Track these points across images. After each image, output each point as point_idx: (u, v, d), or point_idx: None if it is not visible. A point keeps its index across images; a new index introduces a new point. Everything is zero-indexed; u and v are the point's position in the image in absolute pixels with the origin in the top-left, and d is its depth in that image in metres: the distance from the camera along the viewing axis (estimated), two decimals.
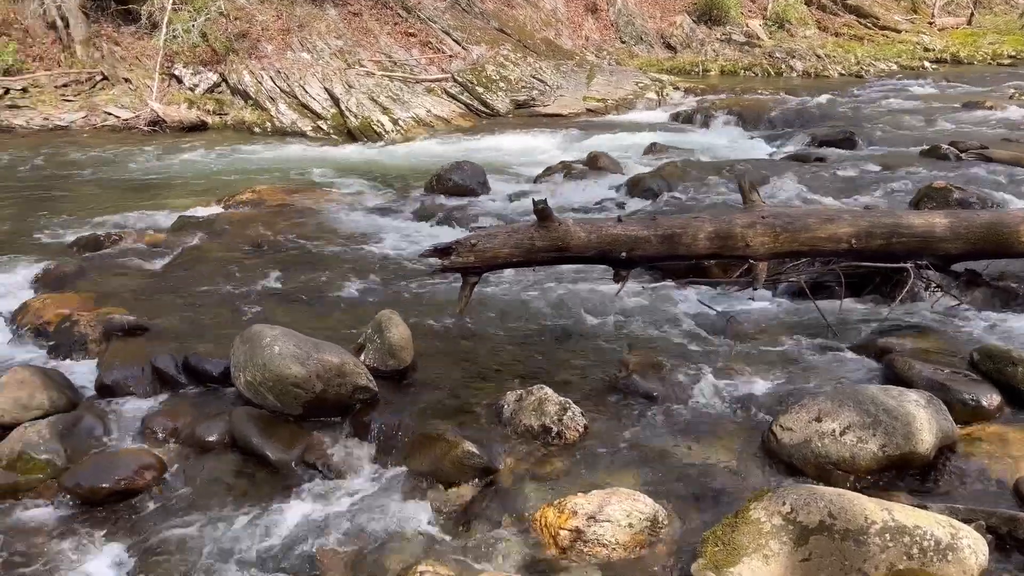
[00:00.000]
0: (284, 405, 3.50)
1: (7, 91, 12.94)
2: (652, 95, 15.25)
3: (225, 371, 3.84)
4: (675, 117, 13.34)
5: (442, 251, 4.03)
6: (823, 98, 13.57)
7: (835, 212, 4.52)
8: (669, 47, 20.08)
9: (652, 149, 9.76)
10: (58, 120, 12.79)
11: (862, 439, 2.95)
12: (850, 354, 4.03)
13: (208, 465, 3.35)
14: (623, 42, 19.56)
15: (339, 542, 2.86)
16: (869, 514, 2.37)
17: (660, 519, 2.71)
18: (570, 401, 3.41)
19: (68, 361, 4.33)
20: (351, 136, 12.55)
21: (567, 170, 8.39)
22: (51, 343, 4.50)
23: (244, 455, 3.38)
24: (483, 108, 14.23)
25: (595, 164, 8.48)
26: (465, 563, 2.62)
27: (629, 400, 3.62)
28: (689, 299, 4.84)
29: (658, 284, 5.08)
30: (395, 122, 12.78)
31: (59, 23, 14.06)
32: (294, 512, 3.05)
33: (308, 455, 3.33)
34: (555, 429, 3.28)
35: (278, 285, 5.36)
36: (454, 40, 16.17)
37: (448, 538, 2.84)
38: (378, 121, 12.70)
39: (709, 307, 4.53)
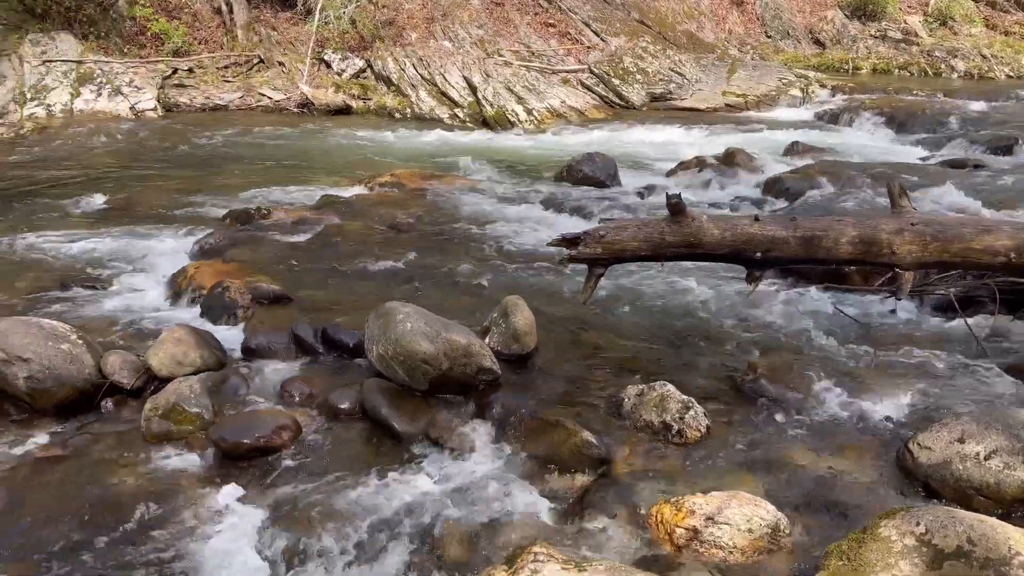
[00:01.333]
0: (412, 380, 3.63)
1: (175, 71, 13.97)
2: (796, 92, 14.65)
3: (359, 343, 4.03)
4: (820, 116, 12.79)
5: (570, 241, 4.06)
6: (986, 101, 12.62)
7: (993, 223, 4.21)
8: (817, 43, 19.21)
9: (793, 148, 9.39)
10: (218, 99, 13.69)
11: (1010, 465, 2.75)
12: (1000, 375, 3.76)
13: (339, 431, 3.53)
14: (768, 36, 18.88)
15: (456, 515, 2.95)
16: (1014, 544, 2.22)
17: (782, 527, 2.64)
18: (693, 400, 3.36)
19: (218, 324, 4.64)
20: (485, 124, 12.78)
21: (701, 165, 8.22)
22: (204, 306, 4.84)
23: (372, 424, 3.53)
24: (618, 100, 14.12)
25: (731, 161, 8.26)
26: (578, 549, 2.65)
27: (755, 404, 3.53)
28: (824, 305, 4.65)
29: (792, 287, 4.91)
30: (529, 112, 12.90)
31: (224, 8, 15.03)
32: (416, 482, 3.16)
33: (432, 430, 3.45)
34: (676, 427, 3.24)
35: (411, 264, 5.56)
36: (593, 31, 16.11)
37: (562, 523, 2.87)
38: (512, 110, 12.85)
39: (846, 314, 4.34)
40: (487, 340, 3.93)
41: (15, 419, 3.62)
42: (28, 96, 12.60)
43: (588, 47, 15.77)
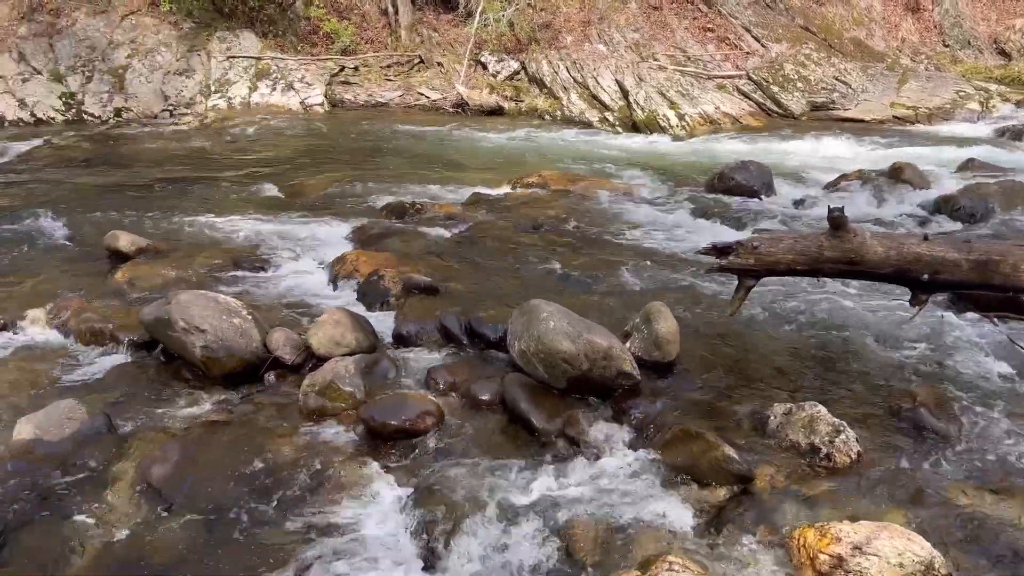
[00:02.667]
0: (551, 377, 3.68)
1: (342, 69, 14.76)
2: (974, 106, 13.57)
3: (501, 337, 4.13)
4: (1001, 132, 11.77)
5: (720, 250, 3.98)
6: None
7: None
8: (1003, 53, 17.70)
9: (969, 165, 8.71)
10: (379, 97, 14.35)
11: None
12: None
13: (479, 421, 3.63)
14: (946, 46, 17.59)
15: (589, 517, 2.96)
16: None
17: (936, 566, 2.47)
18: (844, 424, 3.21)
19: (372, 310, 4.88)
20: (635, 129, 12.68)
21: (864, 179, 7.79)
22: (360, 292, 5.10)
23: (511, 417, 3.61)
24: (775, 108, 13.63)
25: (898, 176, 7.77)
26: (714, 564, 2.60)
27: (912, 434, 3.33)
28: (997, 336, 4.30)
29: (961, 313, 4.57)
30: (681, 117, 12.68)
31: (390, 9, 15.72)
32: (550, 478, 3.20)
33: (568, 428, 3.47)
34: (824, 450, 3.11)
35: (554, 264, 5.61)
36: (753, 37, 15.63)
37: (697, 537, 2.83)
38: (664, 115, 12.68)
39: (1022, 348, 3.99)
40: (628, 345, 3.92)
41: (190, 383, 3.96)
42: (212, 89, 13.72)
43: (747, 53, 15.31)
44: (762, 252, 3.85)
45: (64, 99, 12.68)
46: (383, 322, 4.60)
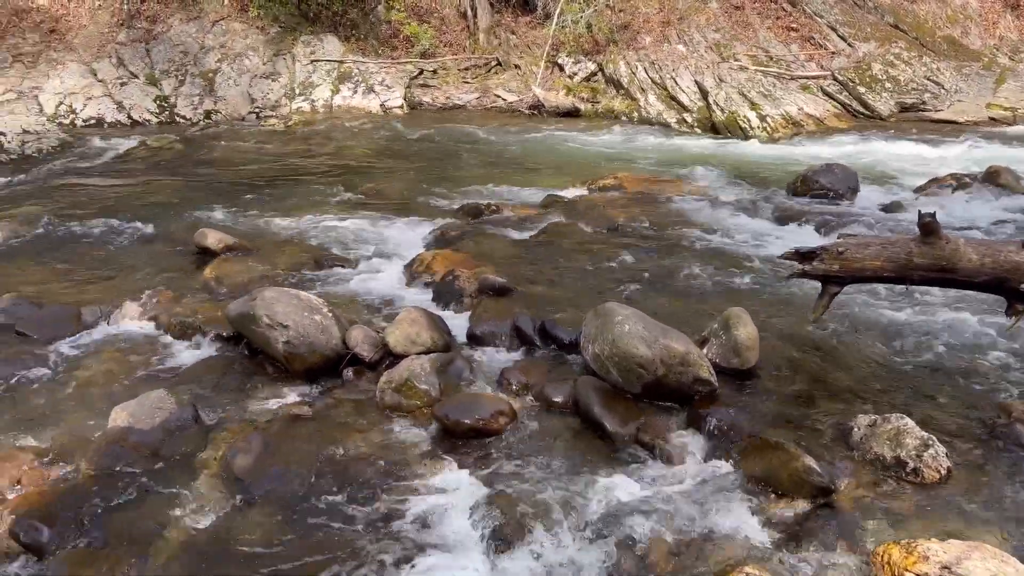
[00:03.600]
0: (625, 382, 3.65)
1: (421, 72, 14.98)
2: None
3: (575, 340, 4.11)
4: None
5: (804, 255, 3.87)
6: None
7: None
8: None
9: None
10: (457, 99, 14.50)
11: None
12: None
13: (551, 422, 3.63)
14: None
15: (663, 524, 2.92)
16: None
17: None
18: (933, 438, 3.08)
19: (447, 309, 4.93)
20: (714, 130, 12.46)
21: (957, 183, 7.46)
22: (436, 292, 5.16)
23: (583, 420, 3.59)
24: (862, 109, 13.18)
25: (995, 180, 7.41)
26: None
27: (1007, 451, 3.17)
28: None
29: None
30: (762, 118, 12.39)
31: (469, 13, 15.87)
32: (623, 483, 3.17)
33: (642, 434, 3.44)
34: (911, 465, 2.99)
35: (630, 267, 5.56)
36: (839, 36, 15.14)
37: (775, 549, 2.76)
38: (744, 116, 12.42)
39: None
40: (705, 350, 3.85)
41: (272, 377, 4.09)
42: (296, 92, 14.11)
43: (832, 52, 14.84)
44: (848, 258, 3.73)
45: (158, 102, 13.25)
46: (457, 322, 4.64)
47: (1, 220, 6.70)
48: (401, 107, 14.11)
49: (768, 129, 12.12)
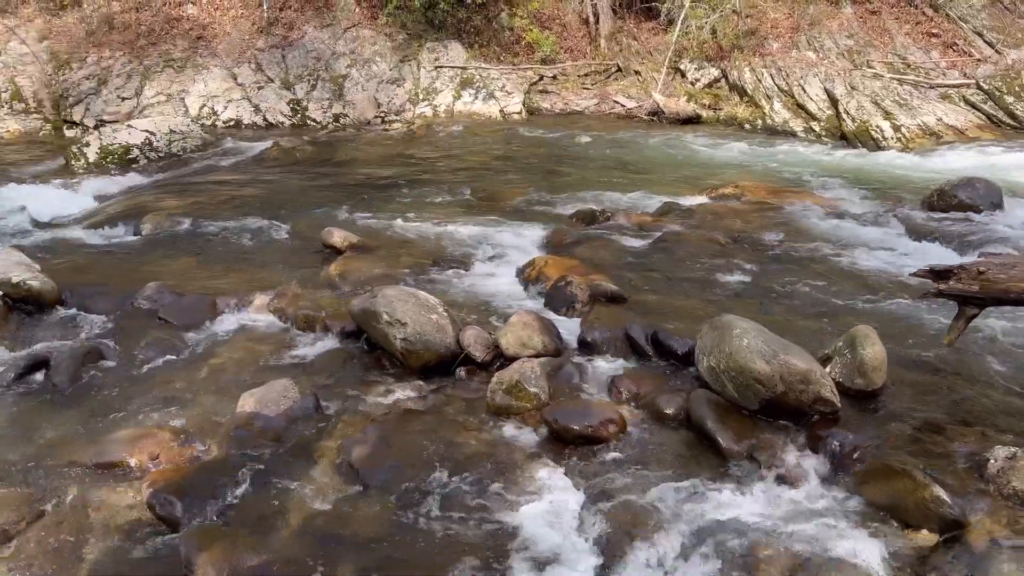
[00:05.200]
0: (741, 397, 3.55)
1: (541, 78, 15.10)
2: None
3: (689, 351, 4.03)
4: None
5: (939, 274, 3.65)
6: None
7: None
8: None
9: None
10: (575, 105, 14.54)
11: None
12: None
13: (661, 434, 3.57)
14: None
15: (776, 545, 2.82)
16: None
17: None
18: None
19: (558, 314, 4.94)
20: (844, 140, 11.95)
21: None
22: (548, 296, 5.19)
23: (695, 434, 3.52)
24: (1009, 120, 12.29)
25: None
26: None
27: None
28: None
29: None
30: (896, 128, 11.78)
31: (591, 19, 15.88)
32: (735, 501, 3.09)
33: (757, 452, 3.33)
34: None
35: (748, 279, 5.41)
36: (986, 42, 14.20)
37: None
38: (877, 126, 11.84)
39: None
40: (828, 369, 3.69)
41: (389, 372, 4.22)
42: (420, 97, 14.52)
43: (977, 60, 13.93)
44: (989, 278, 3.49)
45: (292, 105, 13.94)
46: (568, 327, 4.64)
47: (149, 213, 7.22)
48: (520, 112, 14.27)
49: (903, 140, 11.51)
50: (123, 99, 13.47)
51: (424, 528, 3.01)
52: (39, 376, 4.15)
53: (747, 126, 13.06)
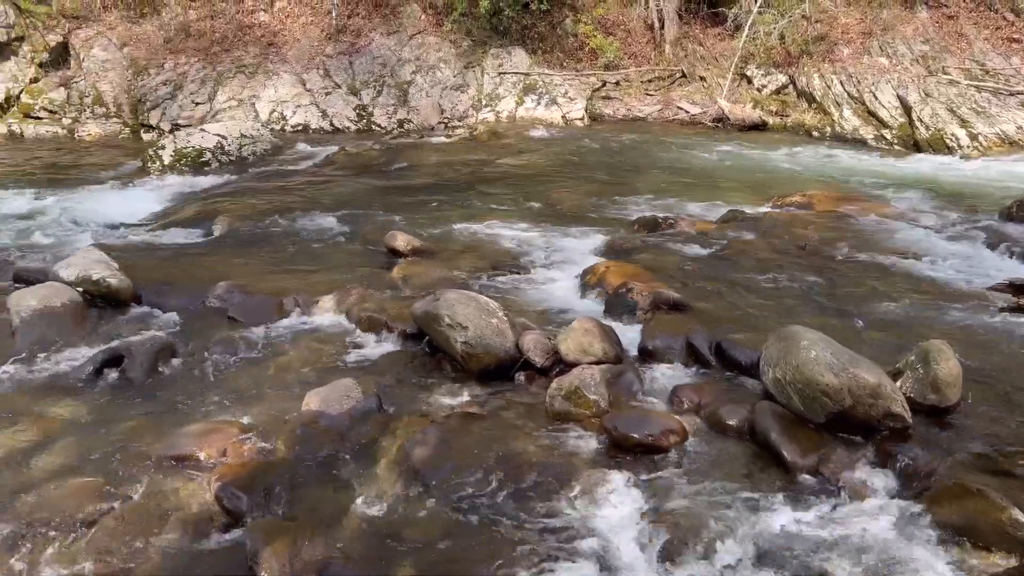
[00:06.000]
0: (807, 410, 3.46)
1: (604, 83, 15.06)
2: None
3: (753, 362, 3.96)
4: None
5: (1019, 288, 3.52)
6: None
7: None
8: None
9: None
10: (638, 111, 14.45)
11: None
12: None
13: (723, 446, 3.51)
14: None
15: (841, 562, 2.75)
16: None
17: None
18: None
19: (618, 321, 4.90)
20: (917, 148, 11.61)
21: None
22: (608, 303, 5.16)
23: (759, 447, 3.45)
24: None
25: None
26: None
27: None
28: None
29: None
30: (973, 137, 11.38)
31: (656, 25, 15.76)
32: (799, 516, 3.02)
33: (823, 466, 3.25)
34: None
35: (815, 290, 5.29)
36: None
37: None
38: (952, 134, 11.46)
39: None
40: (899, 383, 3.58)
41: (449, 375, 4.25)
42: (483, 103, 14.63)
43: None
44: None
45: (358, 110, 14.20)
46: (629, 335, 4.61)
47: (220, 215, 7.44)
48: (582, 118, 14.25)
49: (979, 148, 11.11)
50: (197, 104, 13.92)
51: (482, 531, 3.02)
52: (115, 371, 4.31)
53: (815, 133, 12.78)
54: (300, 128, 13.77)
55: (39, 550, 2.95)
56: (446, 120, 14.20)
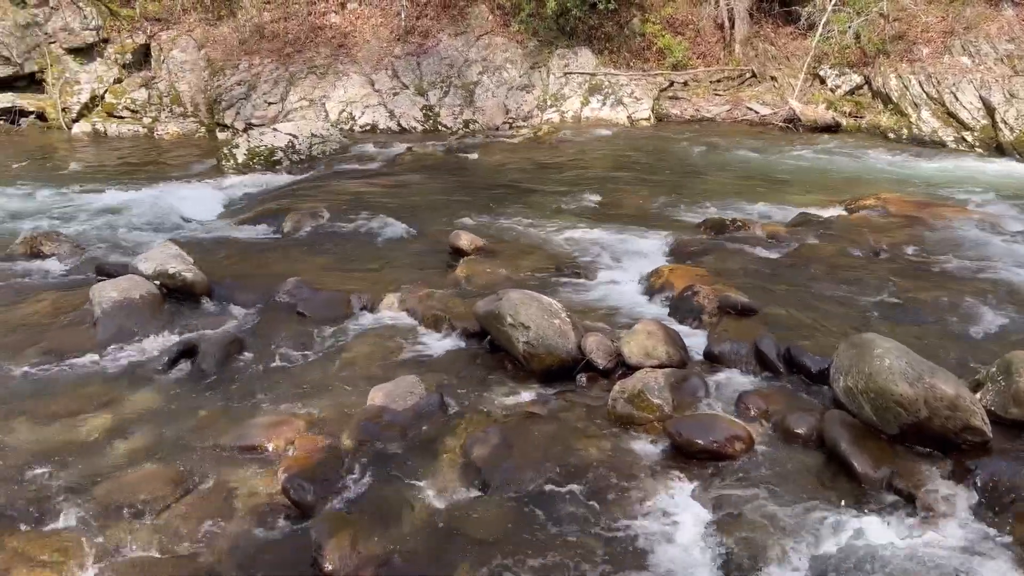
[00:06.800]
0: (880, 420, 3.35)
1: (671, 83, 14.86)
2: None
3: (823, 370, 3.86)
4: None
5: None
6: None
7: None
8: None
9: None
10: (706, 112, 14.22)
11: None
12: None
13: (791, 454, 3.43)
14: None
15: None
16: None
17: None
18: None
19: (683, 325, 4.83)
20: (1000, 151, 11.13)
21: None
22: (673, 306, 5.09)
23: (828, 457, 3.35)
24: None
25: None
26: None
27: None
28: None
29: None
30: None
31: (726, 24, 15.47)
32: (870, 530, 2.92)
33: (897, 480, 3.14)
34: None
35: (890, 296, 5.12)
36: None
37: None
38: None
39: None
40: (979, 396, 3.44)
41: (511, 375, 4.26)
42: (548, 103, 14.61)
43: None
44: None
45: (424, 111, 14.35)
46: (694, 339, 4.54)
47: (290, 213, 7.61)
48: (648, 119, 14.11)
49: None
50: (269, 104, 14.27)
51: (542, 532, 3.01)
52: (188, 362, 4.45)
53: (891, 135, 12.37)
54: (368, 128, 13.99)
55: (115, 531, 3.06)
56: (511, 120, 14.22)
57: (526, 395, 4.04)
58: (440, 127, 14.10)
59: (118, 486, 3.30)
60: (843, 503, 3.09)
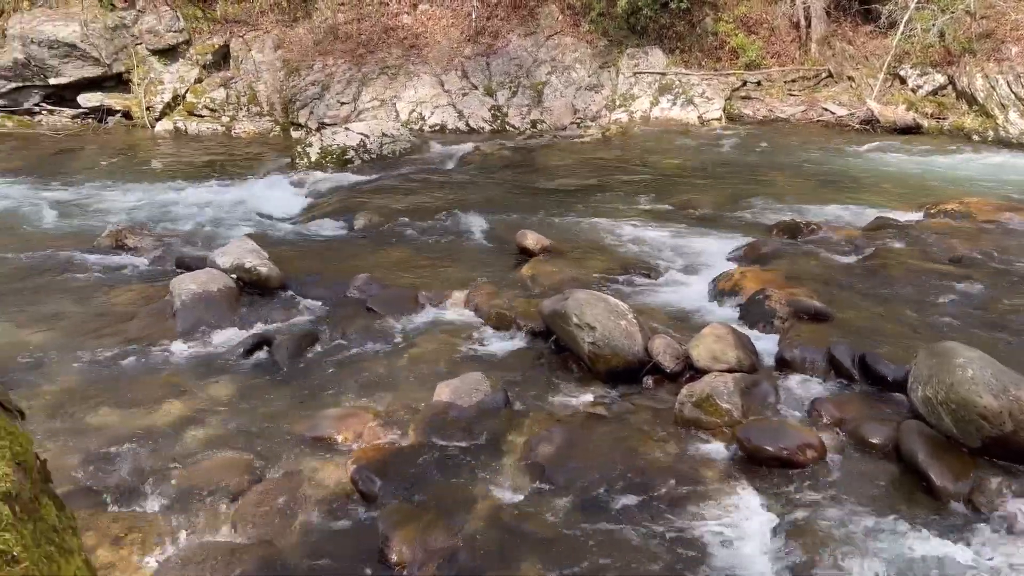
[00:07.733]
0: (960, 433, 3.23)
1: (744, 83, 14.58)
2: None
3: (901, 378, 3.73)
4: None
5: None
6: None
7: None
8: None
9: None
10: (779, 112, 13.90)
11: None
12: None
13: (865, 465, 3.33)
14: None
15: None
16: None
17: None
18: None
19: (754, 329, 4.74)
20: None
21: None
22: (743, 310, 5.00)
23: (904, 469, 3.25)
24: None
25: None
26: None
27: None
28: None
29: None
30: None
31: (802, 23, 15.10)
32: (948, 547, 2.81)
33: (977, 494, 3.02)
34: None
35: (972, 304, 4.92)
36: None
37: None
38: None
39: None
40: None
41: (575, 375, 4.26)
42: (616, 103, 14.52)
43: None
44: None
45: (493, 111, 14.43)
46: (764, 344, 4.45)
47: (361, 211, 7.76)
48: (719, 119, 13.88)
49: None
50: (342, 103, 14.57)
51: (605, 534, 3.00)
52: (263, 354, 4.59)
53: (975, 137, 11.88)
54: (437, 128, 14.14)
55: (192, 515, 3.18)
56: (579, 120, 14.18)
57: (590, 395, 4.03)
58: (508, 127, 14.15)
59: (195, 471, 3.42)
60: (919, 517, 2.99)
